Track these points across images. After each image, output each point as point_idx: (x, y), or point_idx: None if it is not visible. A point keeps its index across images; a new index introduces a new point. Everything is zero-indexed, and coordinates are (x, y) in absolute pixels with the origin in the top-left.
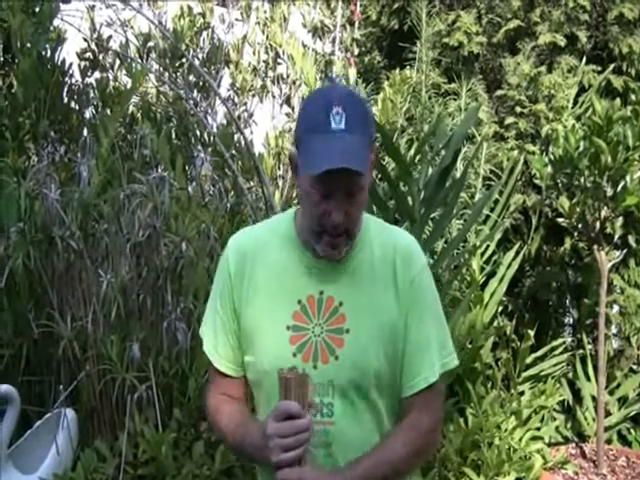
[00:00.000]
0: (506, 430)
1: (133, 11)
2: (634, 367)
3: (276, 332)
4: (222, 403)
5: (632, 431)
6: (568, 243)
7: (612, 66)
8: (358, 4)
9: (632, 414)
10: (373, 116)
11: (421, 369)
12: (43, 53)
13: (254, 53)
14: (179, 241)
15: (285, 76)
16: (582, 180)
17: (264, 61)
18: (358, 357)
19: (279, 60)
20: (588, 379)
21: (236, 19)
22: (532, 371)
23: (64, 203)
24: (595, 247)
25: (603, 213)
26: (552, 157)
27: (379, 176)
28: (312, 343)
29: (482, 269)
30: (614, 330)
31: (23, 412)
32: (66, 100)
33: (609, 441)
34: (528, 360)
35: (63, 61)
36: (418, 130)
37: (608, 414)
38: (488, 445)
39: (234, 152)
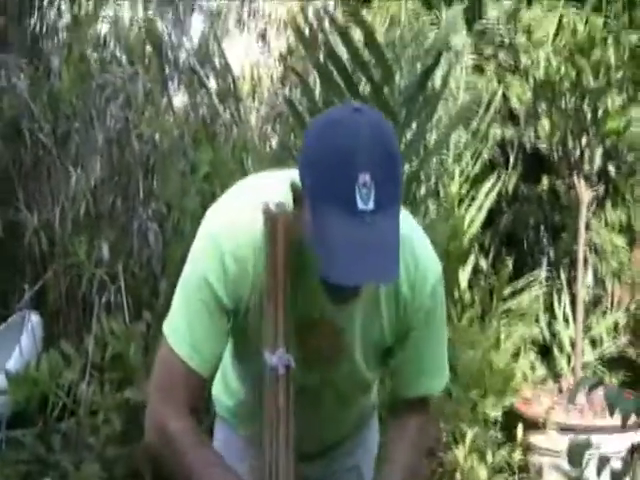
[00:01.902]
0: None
1: None
2: (607, 309)
3: None
4: (199, 446)
5: (606, 372)
6: (546, 181)
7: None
8: None
9: (606, 357)
10: (401, 157)
11: (425, 377)
12: None
13: None
14: (151, 134)
15: (260, 11)
16: (563, 103)
17: None
18: (349, 380)
19: None
20: (565, 319)
21: None
22: (509, 304)
23: (33, 95)
24: (575, 175)
25: (584, 140)
26: (532, 83)
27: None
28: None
29: (460, 200)
30: (590, 275)
31: None
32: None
33: None
34: (505, 291)
35: None
36: (397, 45)
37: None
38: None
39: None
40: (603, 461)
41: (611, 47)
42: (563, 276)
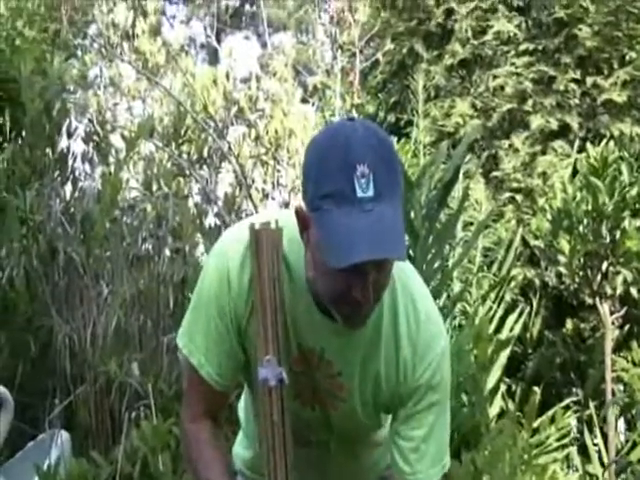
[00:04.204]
0: None
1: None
2: None
3: None
4: (203, 443)
5: None
6: (570, 325)
7: (605, 141)
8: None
9: None
10: (400, 161)
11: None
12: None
13: (255, 139)
14: (182, 248)
15: (284, 183)
16: (581, 228)
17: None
18: (349, 425)
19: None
20: (600, 459)
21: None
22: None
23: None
24: (597, 300)
25: (604, 266)
26: (550, 216)
27: None
28: (311, 388)
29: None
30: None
31: (17, 430)
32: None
33: None
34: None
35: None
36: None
37: None
38: None
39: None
40: None
41: (624, 166)
42: (594, 415)
